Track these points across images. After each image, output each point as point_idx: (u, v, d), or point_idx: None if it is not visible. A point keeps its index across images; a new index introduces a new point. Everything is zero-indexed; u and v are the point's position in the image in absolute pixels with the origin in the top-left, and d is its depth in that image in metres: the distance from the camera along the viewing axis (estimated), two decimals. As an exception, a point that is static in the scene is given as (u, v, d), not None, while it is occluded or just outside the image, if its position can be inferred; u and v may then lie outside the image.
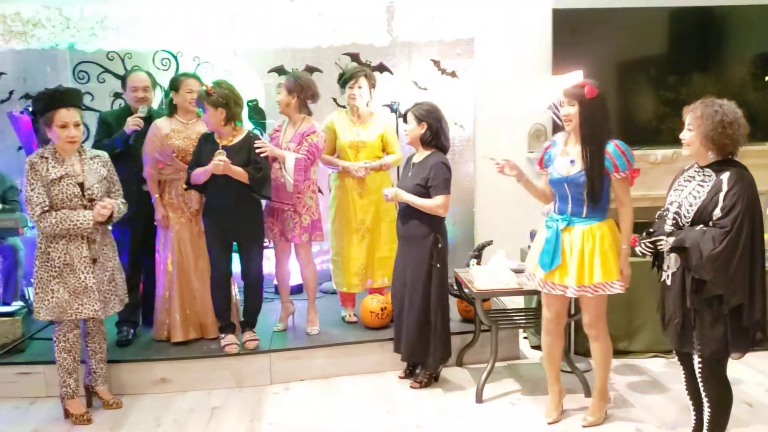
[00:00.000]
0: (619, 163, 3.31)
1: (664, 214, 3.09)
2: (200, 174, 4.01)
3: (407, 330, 4.01)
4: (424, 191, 3.89)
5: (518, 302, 4.83)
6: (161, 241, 4.38)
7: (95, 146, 4.23)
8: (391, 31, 5.31)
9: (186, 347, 4.32)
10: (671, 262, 3.03)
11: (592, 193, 3.33)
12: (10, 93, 5.27)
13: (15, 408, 3.99)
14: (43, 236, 3.64)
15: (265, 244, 4.41)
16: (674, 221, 3.01)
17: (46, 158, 3.59)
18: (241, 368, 4.21)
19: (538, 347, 4.66)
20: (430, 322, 3.97)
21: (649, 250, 3.07)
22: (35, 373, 4.11)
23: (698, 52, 5.72)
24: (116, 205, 3.70)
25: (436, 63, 5.49)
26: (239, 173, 3.99)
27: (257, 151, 4.07)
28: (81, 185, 3.63)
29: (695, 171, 3.04)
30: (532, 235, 4.77)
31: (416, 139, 3.97)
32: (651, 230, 3.09)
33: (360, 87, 4.45)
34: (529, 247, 4.79)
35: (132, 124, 4.23)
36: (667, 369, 4.30)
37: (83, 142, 4.84)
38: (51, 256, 3.61)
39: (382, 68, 5.43)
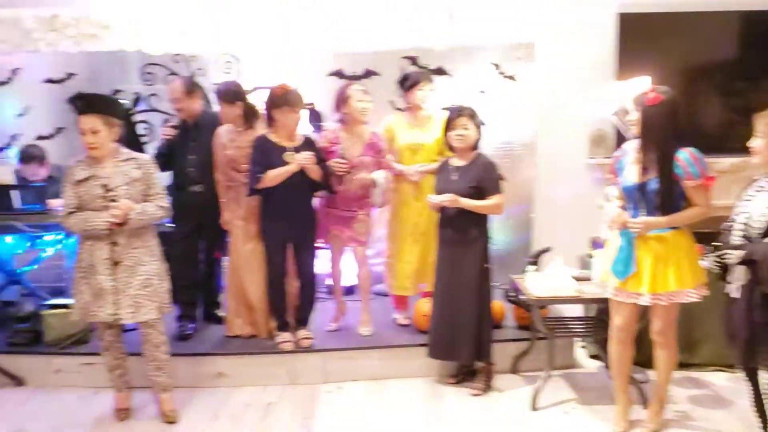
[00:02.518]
0: (691, 170, 3.22)
1: (731, 226, 3.01)
2: (278, 176, 4.05)
3: (464, 333, 3.97)
4: (478, 192, 3.89)
5: (576, 310, 4.74)
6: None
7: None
8: (451, 35, 5.29)
9: (243, 343, 4.41)
10: (739, 275, 2.94)
11: (662, 201, 3.26)
12: (81, 94, 5.47)
13: (79, 398, 4.13)
14: (77, 238, 3.69)
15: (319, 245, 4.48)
16: (743, 232, 2.92)
17: (81, 161, 3.59)
18: (295, 366, 4.27)
19: (596, 357, 4.58)
20: (486, 325, 3.99)
21: (718, 264, 2.99)
22: (99, 363, 4.16)
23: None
24: (137, 207, 3.52)
25: (496, 66, 5.45)
26: (317, 171, 4.12)
27: (337, 171, 4.27)
28: (106, 186, 3.56)
29: (766, 181, 2.95)
30: (595, 243, 4.69)
31: (473, 143, 3.97)
32: (718, 244, 3.01)
33: (430, 90, 4.52)
34: (589, 255, 4.71)
35: (162, 134, 4.50)
36: (730, 384, 4.16)
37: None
38: (80, 257, 3.62)
39: (440, 72, 5.42)
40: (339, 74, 5.40)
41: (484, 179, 3.88)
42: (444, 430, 3.70)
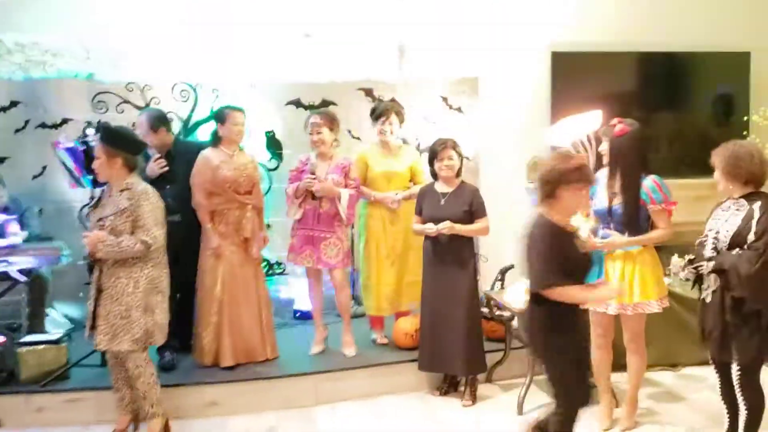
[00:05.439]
0: (654, 196, 3.73)
1: (703, 241, 3.52)
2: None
3: (459, 347, 4.24)
4: (469, 216, 4.23)
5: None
6: (205, 269, 4.47)
7: None
8: (401, 68, 5.63)
9: (233, 370, 4.41)
10: (711, 282, 3.44)
11: (627, 222, 3.73)
12: (26, 122, 5.23)
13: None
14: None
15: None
16: (713, 246, 3.44)
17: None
18: (287, 390, 4.35)
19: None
20: (480, 338, 4.35)
21: (693, 273, 3.49)
22: (85, 399, 4.13)
23: (666, 92, 6.28)
24: (109, 239, 3.57)
25: (444, 99, 5.81)
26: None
27: (307, 187, 4.47)
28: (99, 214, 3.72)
29: (730, 203, 3.48)
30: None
31: (457, 171, 4.31)
32: (692, 257, 3.51)
33: (391, 123, 4.76)
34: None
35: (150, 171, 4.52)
36: (678, 381, 4.71)
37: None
38: None
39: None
40: (297, 103, 5.55)
41: (474, 203, 4.24)
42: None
